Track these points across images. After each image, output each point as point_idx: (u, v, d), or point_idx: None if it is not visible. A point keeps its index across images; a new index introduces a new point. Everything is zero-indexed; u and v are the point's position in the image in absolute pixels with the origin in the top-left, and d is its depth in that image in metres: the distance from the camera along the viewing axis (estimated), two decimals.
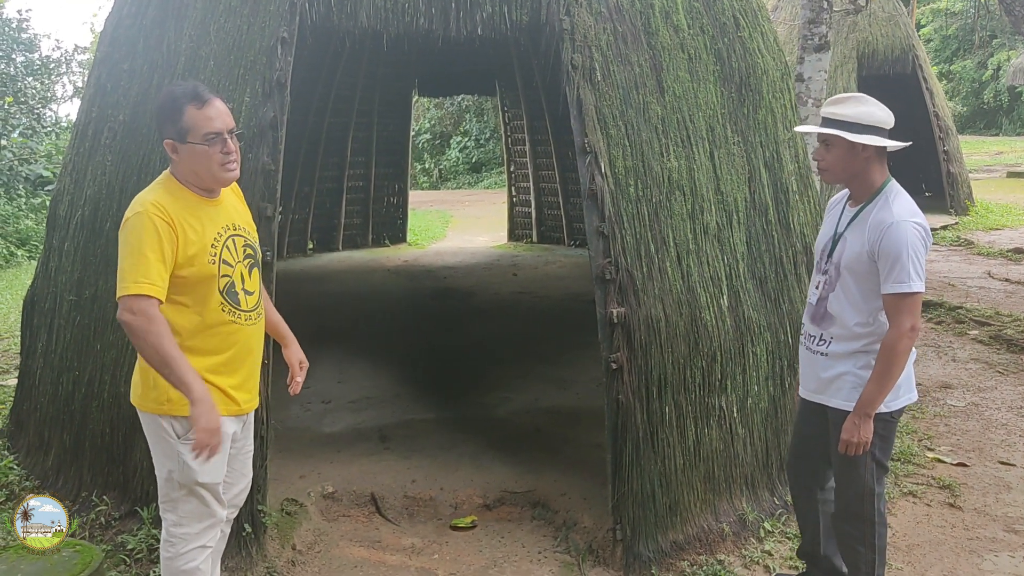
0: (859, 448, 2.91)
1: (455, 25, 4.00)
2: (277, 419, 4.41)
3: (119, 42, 4.54)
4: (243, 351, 2.80)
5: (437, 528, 4.06)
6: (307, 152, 10.88)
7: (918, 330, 2.84)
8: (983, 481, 4.56)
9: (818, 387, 3.09)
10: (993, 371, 6.44)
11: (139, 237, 2.55)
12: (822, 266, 3.10)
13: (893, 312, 2.84)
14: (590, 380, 5.71)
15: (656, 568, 3.60)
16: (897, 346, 2.82)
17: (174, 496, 2.74)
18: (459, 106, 27.37)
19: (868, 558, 3.06)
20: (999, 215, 14.02)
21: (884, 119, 2.94)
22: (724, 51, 4.47)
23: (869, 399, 2.88)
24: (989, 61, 30.10)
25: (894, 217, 2.85)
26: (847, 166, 2.97)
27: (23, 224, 12.80)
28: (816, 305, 3.10)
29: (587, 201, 3.85)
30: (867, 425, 2.89)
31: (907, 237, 2.80)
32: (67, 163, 4.71)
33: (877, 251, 2.85)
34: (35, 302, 4.65)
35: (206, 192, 2.75)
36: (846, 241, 2.99)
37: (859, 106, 2.93)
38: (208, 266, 2.66)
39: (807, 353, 3.14)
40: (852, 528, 3.07)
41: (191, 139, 2.64)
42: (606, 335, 3.73)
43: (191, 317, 2.67)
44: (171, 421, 2.67)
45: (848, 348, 2.99)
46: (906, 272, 2.79)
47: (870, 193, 2.98)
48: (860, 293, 2.94)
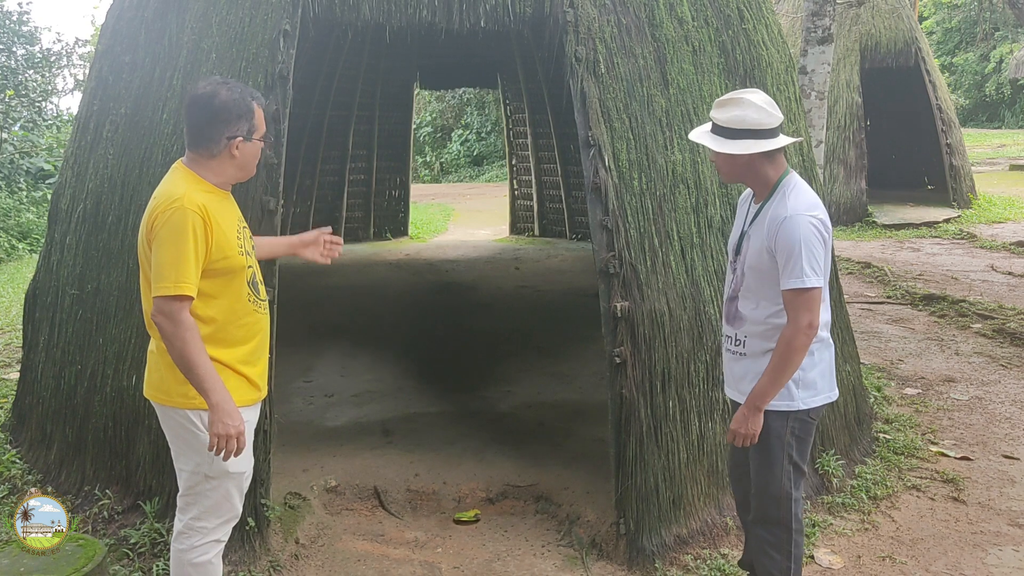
0: (746, 440, 2.86)
1: (458, 17, 3.98)
2: (280, 413, 4.40)
3: (121, 35, 4.52)
4: (264, 339, 2.89)
5: (440, 522, 4.06)
6: (308, 145, 10.86)
7: (816, 327, 2.78)
8: (987, 475, 4.55)
9: (738, 388, 3.01)
10: (996, 365, 6.43)
11: (181, 233, 2.55)
12: (732, 264, 3.05)
13: (791, 308, 2.78)
14: (593, 374, 5.71)
15: (659, 562, 3.60)
16: (793, 342, 2.76)
17: (200, 489, 2.75)
18: (461, 99, 27.30)
19: (783, 566, 2.98)
20: (1002, 208, 13.99)
21: (757, 120, 2.82)
22: (728, 43, 4.44)
23: (761, 392, 2.82)
24: (991, 54, 30.01)
25: (788, 211, 2.78)
26: (731, 169, 2.94)
27: (24, 217, 12.79)
28: (728, 304, 3.05)
29: (591, 194, 3.84)
30: (756, 418, 2.84)
31: (800, 232, 2.73)
32: (68, 156, 4.70)
33: (774, 246, 2.80)
34: (37, 296, 4.65)
35: (225, 187, 2.80)
36: (750, 239, 2.94)
37: (733, 110, 2.85)
38: (239, 257, 2.72)
39: (726, 354, 3.08)
40: (768, 533, 3.00)
41: (256, 136, 2.75)
42: (609, 329, 3.72)
43: (224, 309, 2.71)
44: (200, 414, 2.67)
45: (763, 347, 2.90)
46: (799, 268, 2.72)
47: (768, 189, 2.92)
48: (768, 289, 2.87)
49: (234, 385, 2.70)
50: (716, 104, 2.95)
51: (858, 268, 10.10)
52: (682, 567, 3.61)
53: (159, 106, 4.10)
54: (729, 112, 2.86)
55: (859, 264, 10.27)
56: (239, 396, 2.70)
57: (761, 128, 2.83)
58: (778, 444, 2.91)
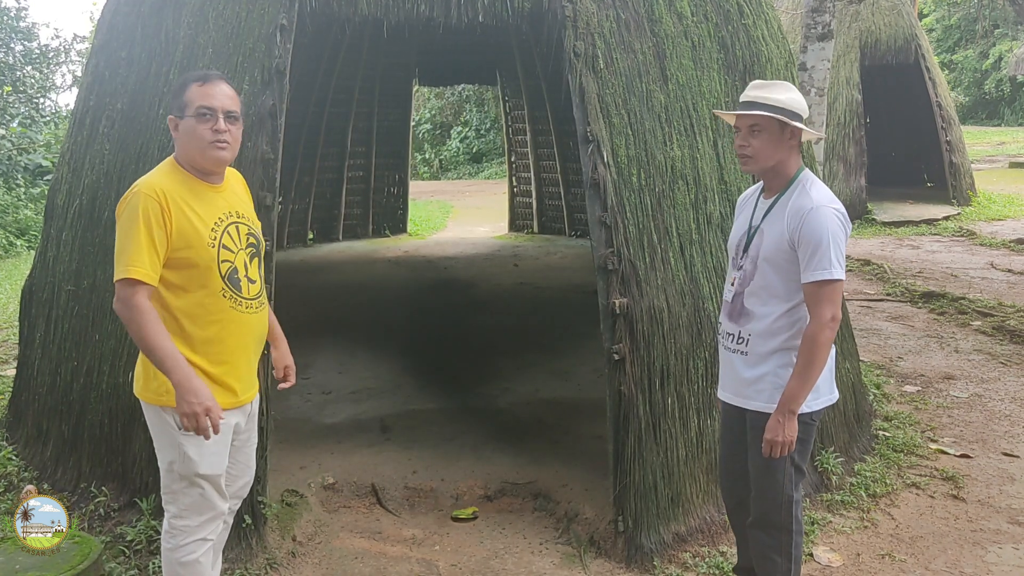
0: (784, 448, 2.77)
1: (456, 12, 3.96)
2: (277, 410, 4.39)
3: (117, 30, 4.50)
4: (244, 339, 2.78)
5: (438, 519, 4.04)
6: (307, 142, 10.83)
7: (839, 320, 2.74)
8: (987, 473, 4.54)
9: (737, 390, 2.96)
10: (996, 362, 6.41)
11: (133, 218, 2.57)
12: (738, 262, 2.98)
13: (813, 302, 2.73)
14: (591, 371, 5.69)
15: (658, 559, 3.58)
16: (819, 337, 2.71)
17: (175, 488, 2.73)
18: (460, 96, 27.27)
19: (784, 568, 2.95)
20: (1001, 205, 13.98)
21: (806, 108, 2.86)
22: (728, 39, 4.42)
23: (792, 395, 2.75)
24: (991, 51, 29.99)
25: (813, 203, 2.75)
26: (774, 152, 2.84)
27: (22, 214, 12.77)
28: (732, 301, 2.97)
29: (589, 191, 3.82)
30: (792, 423, 2.76)
31: (827, 223, 2.71)
32: (65, 152, 4.68)
33: (798, 238, 2.75)
34: (33, 292, 4.63)
35: (206, 176, 2.75)
36: (763, 233, 2.87)
37: (789, 92, 2.83)
38: (207, 248, 2.65)
39: (726, 353, 3.01)
40: (768, 537, 2.96)
41: (188, 113, 2.68)
42: (608, 326, 3.70)
43: (192, 301, 2.66)
44: (172, 412, 2.65)
45: (768, 346, 2.86)
46: (827, 259, 2.69)
47: (785, 182, 2.88)
48: (782, 285, 2.82)
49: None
50: (760, 86, 2.88)
51: (858, 265, 10.09)
52: (680, 565, 3.59)
53: (155, 101, 4.08)
54: (787, 94, 2.81)
55: (859, 261, 10.26)
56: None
57: (806, 115, 2.84)
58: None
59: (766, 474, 2.91)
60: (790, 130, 2.81)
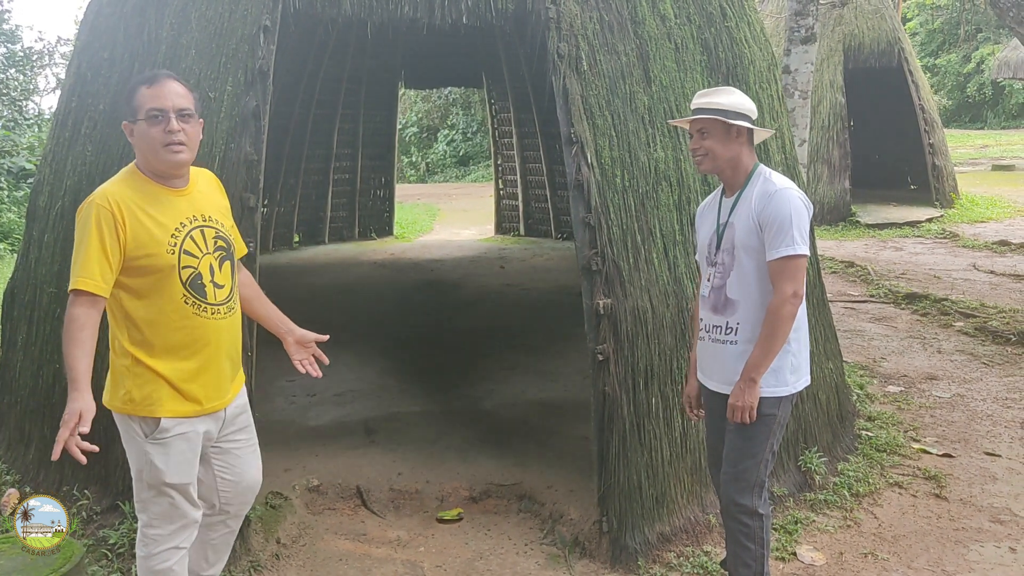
0: (744, 413, 2.89)
1: (439, 13, 3.96)
2: (261, 412, 4.36)
3: (99, 31, 4.48)
4: (211, 346, 2.70)
5: (423, 521, 4.04)
6: (293, 145, 10.81)
7: (800, 296, 2.87)
8: (969, 472, 4.57)
9: (729, 378, 3.01)
10: (978, 362, 6.46)
11: (83, 229, 2.54)
12: (712, 259, 3.08)
13: (777, 277, 2.87)
14: (576, 372, 5.70)
15: (642, 559, 3.59)
16: (781, 311, 2.84)
17: (144, 496, 2.71)
18: (446, 99, 27.30)
19: (757, 553, 3.04)
20: (984, 208, 14.09)
21: (751, 108, 3.01)
22: (711, 41, 4.45)
23: (755, 364, 2.88)
24: (973, 55, 30.25)
25: (777, 187, 2.92)
26: (724, 151, 2.99)
27: (5, 217, 12.66)
28: (713, 295, 3.05)
29: (573, 191, 3.83)
30: (753, 390, 2.89)
31: (791, 203, 2.87)
32: (47, 153, 4.65)
33: (764, 219, 2.89)
34: (15, 294, 4.59)
35: (165, 180, 2.67)
36: (734, 226, 2.99)
37: (731, 96, 3.01)
38: (166, 256, 2.59)
39: (713, 346, 3.07)
40: (741, 525, 3.04)
41: (139, 116, 2.60)
42: (592, 326, 3.71)
43: (151, 309, 2.61)
44: (138, 421, 2.65)
45: (757, 331, 2.94)
46: (790, 236, 2.84)
47: (744, 177, 3.02)
48: (758, 270, 2.94)
49: (165, 394, 2.63)
50: (705, 94, 3.05)
51: (841, 267, 10.15)
52: (665, 565, 3.60)
53: None
54: (727, 97, 2.99)
55: (842, 263, 10.32)
56: (168, 407, 2.63)
57: (753, 115, 3.01)
58: (766, 431, 2.95)
59: (747, 458, 2.99)
60: (735, 129, 2.97)
